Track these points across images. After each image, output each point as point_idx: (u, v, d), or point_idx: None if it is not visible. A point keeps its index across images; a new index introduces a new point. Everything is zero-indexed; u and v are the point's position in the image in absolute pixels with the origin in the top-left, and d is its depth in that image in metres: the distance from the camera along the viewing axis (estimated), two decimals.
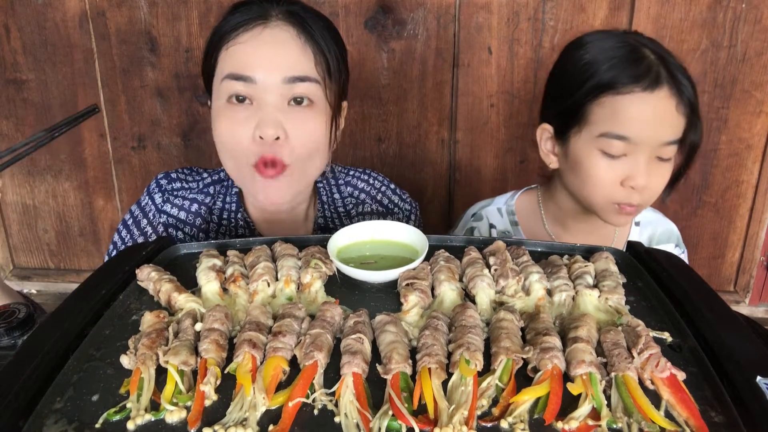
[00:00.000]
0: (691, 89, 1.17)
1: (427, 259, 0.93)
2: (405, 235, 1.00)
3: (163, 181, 1.29)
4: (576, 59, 1.23)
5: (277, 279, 0.89)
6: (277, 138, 1.08)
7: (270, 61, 1.08)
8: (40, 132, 0.94)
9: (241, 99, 1.09)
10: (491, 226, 1.45)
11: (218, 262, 0.92)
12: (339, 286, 0.91)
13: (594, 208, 1.26)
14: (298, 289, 0.89)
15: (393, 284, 0.90)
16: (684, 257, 1.50)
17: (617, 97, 1.15)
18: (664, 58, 1.17)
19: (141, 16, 1.97)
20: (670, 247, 1.46)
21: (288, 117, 1.09)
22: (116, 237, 1.31)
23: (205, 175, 1.33)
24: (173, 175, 1.31)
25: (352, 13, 1.92)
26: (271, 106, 1.08)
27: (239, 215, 1.28)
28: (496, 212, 1.46)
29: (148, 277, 0.87)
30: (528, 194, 1.47)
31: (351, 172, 1.42)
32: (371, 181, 1.42)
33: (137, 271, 0.88)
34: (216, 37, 1.12)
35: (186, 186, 1.30)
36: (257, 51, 1.08)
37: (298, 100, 1.10)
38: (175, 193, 1.28)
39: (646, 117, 1.15)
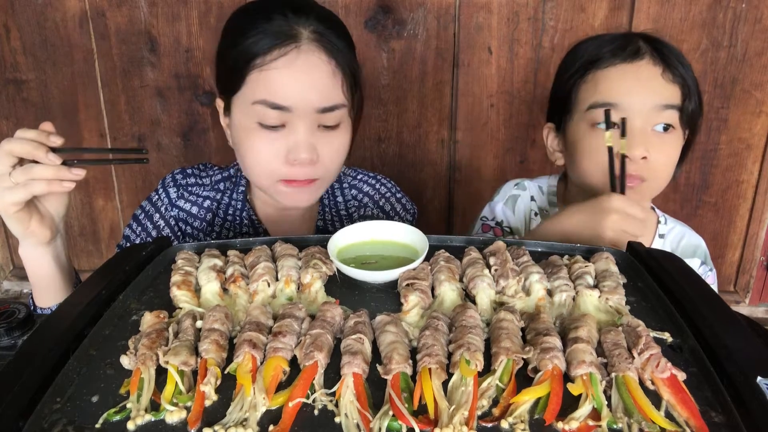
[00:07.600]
0: (687, 68, 1.16)
1: (427, 259, 0.93)
2: (405, 236, 1.00)
3: (179, 176, 1.32)
4: (571, 52, 1.27)
5: (277, 279, 0.89)
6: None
7: (305, 90, 1.09)
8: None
9: (274, 126, 1.10)
10: (531, 198, 1.44)
11: (219, 262, 0.92)
12: (339, 286, 0.90)
13: (598, 191, 1.17)
14: (299, 289, 0.89)
15: (393, 284, 0.89)
16: (711, 278, 1.40)
17: (599, 72, 1.18)
18: (651, 39, 1.18)
19: (141, 16, 1.97)
20: (694, 264, 1.36)
21: (319, 140, 1.13)
22: (128, 231, 1.32)
23: (216, 170, 1.35)
24: (188, 171, 1.34)
25: (352, 13, 1.92)
26: (303, 131, 1.11)
27: (244, 213, 1.30)
28: (537, 188, 1.45)
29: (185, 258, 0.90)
30: (559, 182, 1.46)
31: (360, 176, 1.42)
32: (377, 186, 1.41)
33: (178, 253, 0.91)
34: (244, 55, 1.08)
35: (199, 182, 1.32)
36: (292, 80, 1.08)
37: (327, 126, 1.13)
38: (189, 188, 1.31)
39: (629, 83, 1.15)
